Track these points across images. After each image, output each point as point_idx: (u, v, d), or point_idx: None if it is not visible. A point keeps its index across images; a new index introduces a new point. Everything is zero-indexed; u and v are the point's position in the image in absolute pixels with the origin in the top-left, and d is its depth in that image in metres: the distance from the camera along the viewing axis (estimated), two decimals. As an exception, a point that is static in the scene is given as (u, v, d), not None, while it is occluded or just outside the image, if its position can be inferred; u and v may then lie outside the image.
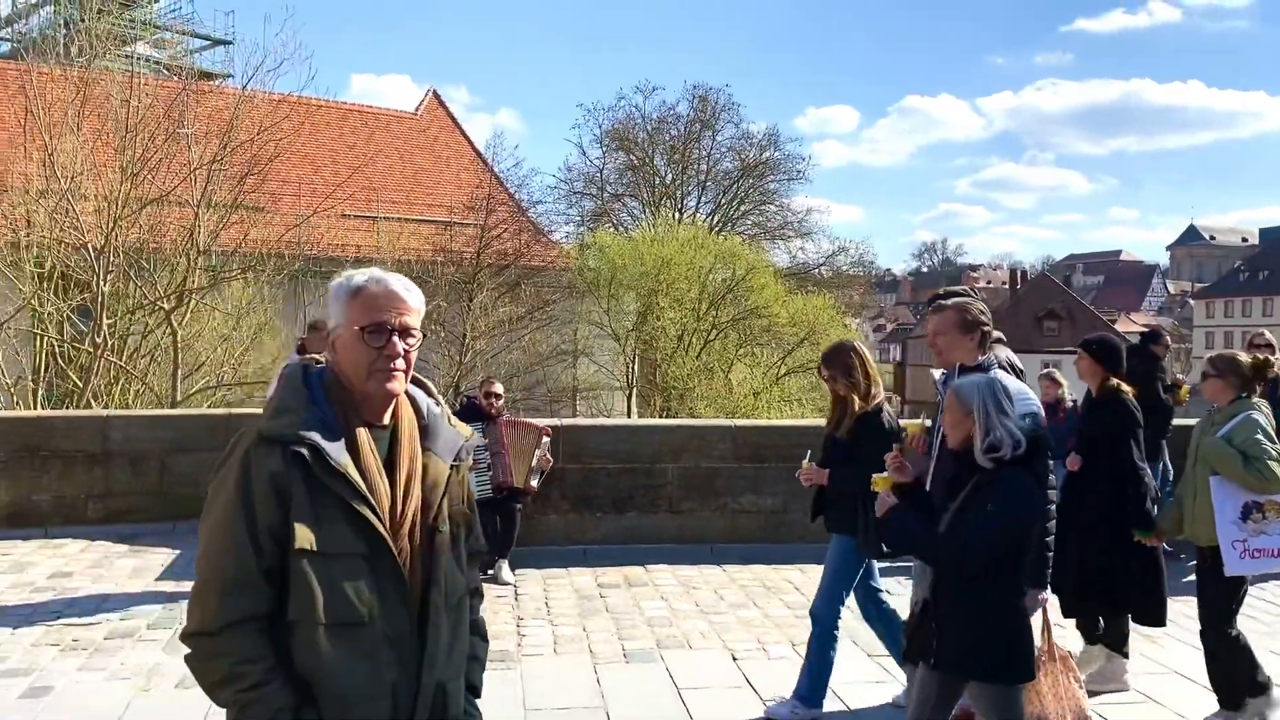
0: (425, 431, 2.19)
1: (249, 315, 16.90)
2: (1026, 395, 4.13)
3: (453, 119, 36.39)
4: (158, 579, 7.33)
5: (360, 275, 2.18)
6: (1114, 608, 5.41)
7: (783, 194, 45.07)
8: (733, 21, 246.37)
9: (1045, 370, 9.28)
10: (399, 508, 2.06)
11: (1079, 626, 5.59)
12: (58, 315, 14.31)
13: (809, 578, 7.53)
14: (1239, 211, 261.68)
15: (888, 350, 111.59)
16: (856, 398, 4.90)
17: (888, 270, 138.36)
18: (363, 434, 2.08)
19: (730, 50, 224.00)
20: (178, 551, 8.10)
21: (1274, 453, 4.58)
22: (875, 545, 5.04)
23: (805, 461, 5.05)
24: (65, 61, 17.25)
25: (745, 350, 30.85)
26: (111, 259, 14.37)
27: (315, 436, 1.99)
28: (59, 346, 14.44)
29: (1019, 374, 4.63)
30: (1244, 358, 4.90)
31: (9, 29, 32.58)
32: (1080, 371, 5.64)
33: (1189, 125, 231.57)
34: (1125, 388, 5.41)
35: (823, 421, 5.50)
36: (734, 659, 5.78)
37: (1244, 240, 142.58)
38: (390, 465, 2.09)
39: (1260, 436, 4.60)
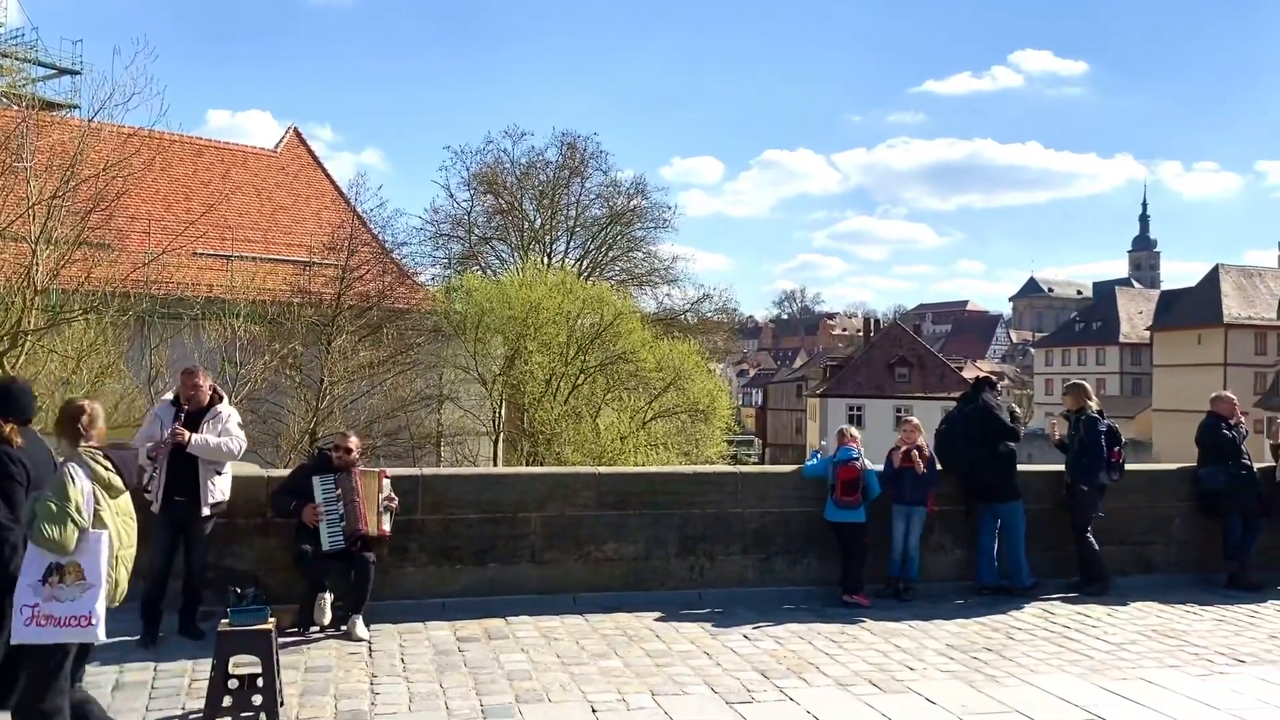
0: None
1: (90, 358, 16.01)
2: None
3: (314, 157, 35.69)
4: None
5: None
6: None
7: (650, 241, 45.83)
8: (600, 71, 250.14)
9: (905, 415, 9.61)
10: None
11: None
12: (-128, 356, 13.26)
13: (671, 624, 7.57)
14: (1075, 265, 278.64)
15: (751, 395, 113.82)
16: None
17: (750, 317, 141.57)
18: None
19: (598, 99, 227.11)
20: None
21: (51, 512, 4.20)
22: None
23: None
24: (-111, 85, 16.17)
25: (613, 395, 30.97)
26: (-64, 297, 13.44)
27: None
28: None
29: None
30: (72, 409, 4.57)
31: None
32: None
33: (1029, 184, 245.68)
34: (6, 433, 4.84)
35: (689, 466, 5.53)
36: (594, 711, 5.73)
37: (1079, 293, 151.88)
38: None
39: (49, 493, 4.23)
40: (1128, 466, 9.39)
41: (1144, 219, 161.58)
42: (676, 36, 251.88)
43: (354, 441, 7.51)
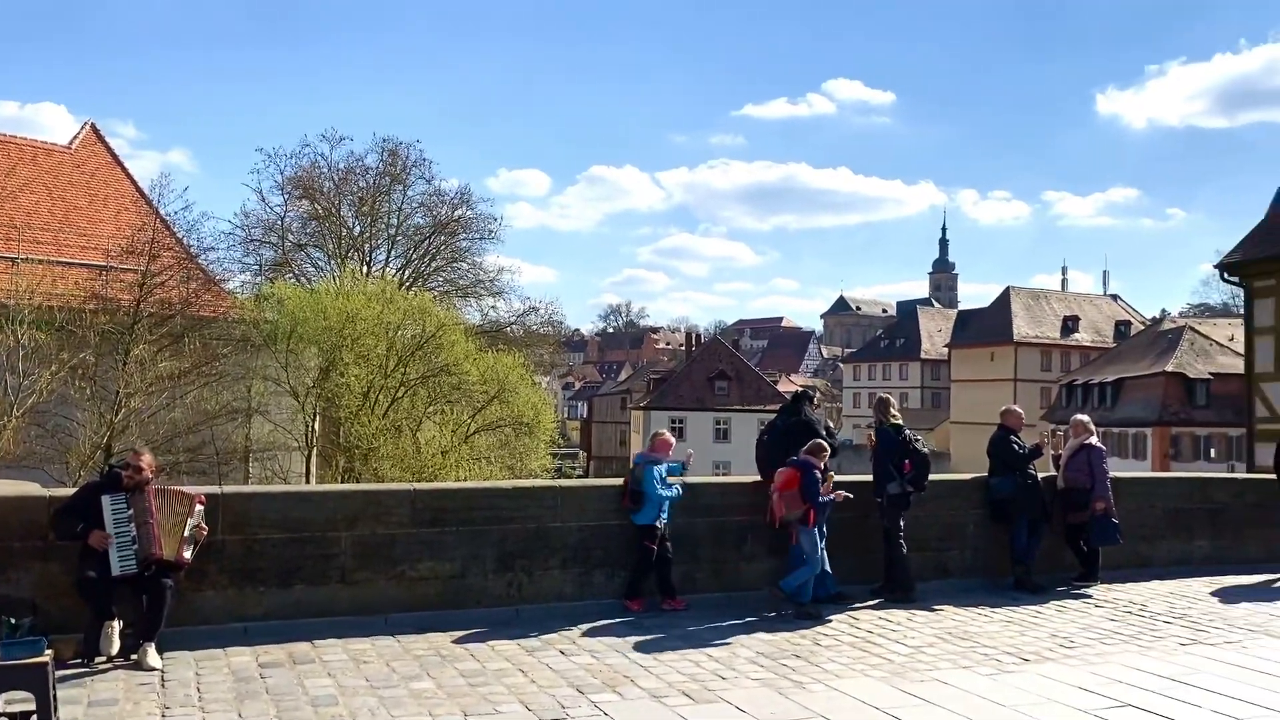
0: None
1: None
2: None
3: (113, 155, 33.42)
4: None
5: None
6: None
7: (475, 252, 45.28)
8: (425, 77, 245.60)
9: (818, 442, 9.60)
10: None
11: None
12: None
13: (487, 643, 7.45)
14: (881, 285, 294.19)
15: (576, 407, 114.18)
16: None
17: (576, 330, 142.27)
18: None
19: (422, 106, 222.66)
20: None
21: None
22: None
23: None
24: None
25: (435, 408, 30.38)
26: None
27: None
28: None
29: None
30: None
31: None
32: None
33: (840, 207, 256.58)
34: None
35: (508, 481, 5.44)
36: (404, 736, 5.56)
37: (884, 311, 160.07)
38: None
39: None
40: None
41: (943, 243, 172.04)
42: (504, 47, 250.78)
43: (146, 459, 7.05)
